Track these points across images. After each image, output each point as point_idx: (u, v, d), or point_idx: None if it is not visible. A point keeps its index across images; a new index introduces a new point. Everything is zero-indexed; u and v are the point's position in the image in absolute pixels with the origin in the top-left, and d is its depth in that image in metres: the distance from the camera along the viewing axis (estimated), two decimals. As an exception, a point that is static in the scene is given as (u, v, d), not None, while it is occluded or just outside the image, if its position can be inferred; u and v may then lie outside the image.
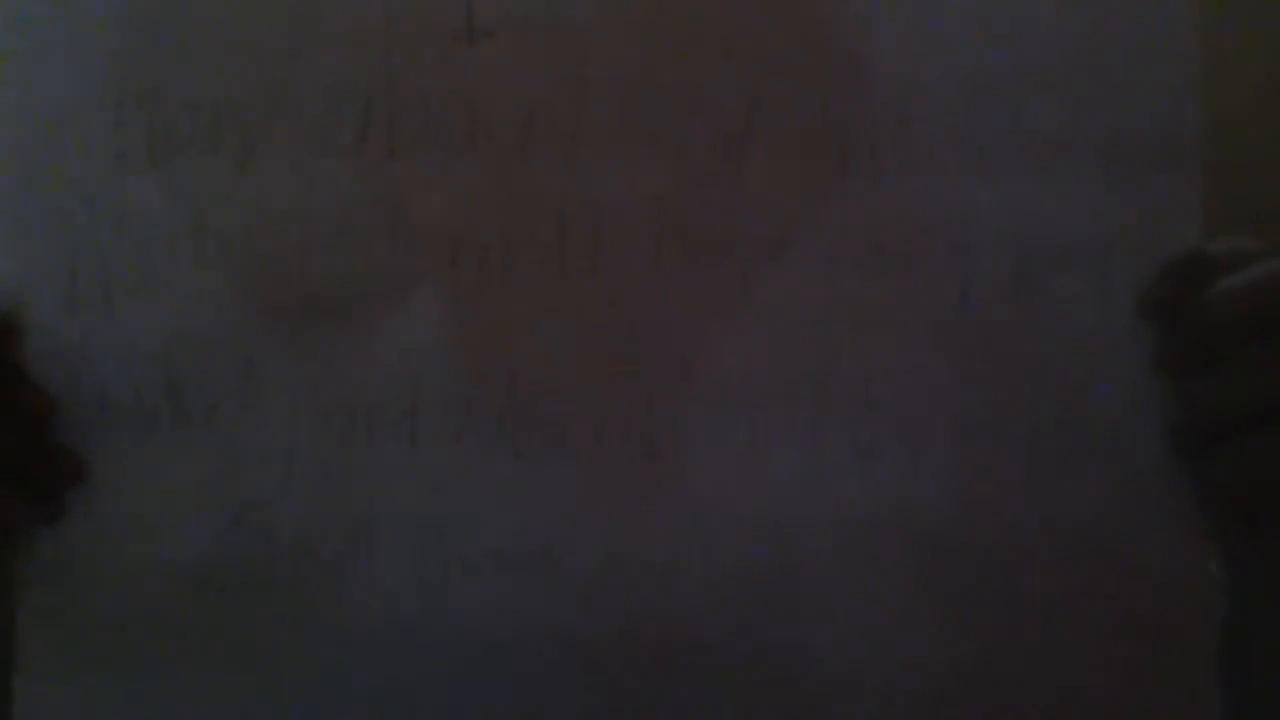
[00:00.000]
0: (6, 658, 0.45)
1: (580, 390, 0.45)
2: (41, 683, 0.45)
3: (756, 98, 0.45)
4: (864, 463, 0.45)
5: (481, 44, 0.45)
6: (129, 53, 0.44)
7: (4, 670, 0.45)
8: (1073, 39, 0.45)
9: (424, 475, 0.45)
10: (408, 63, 0.45)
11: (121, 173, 0.44)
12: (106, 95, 0.44)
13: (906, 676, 0.45)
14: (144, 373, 0.45)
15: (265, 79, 0.45)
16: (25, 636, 0.45)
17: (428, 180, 0.45)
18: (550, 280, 0.45)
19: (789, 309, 0.45)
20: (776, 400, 0.46)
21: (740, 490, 0.46)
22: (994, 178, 0.45)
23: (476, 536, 0.45)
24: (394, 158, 0.45)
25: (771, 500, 0.45)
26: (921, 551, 0.45)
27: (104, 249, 0.45)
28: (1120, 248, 0.45)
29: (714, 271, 0.45)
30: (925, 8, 0.45)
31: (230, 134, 0.45)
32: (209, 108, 0.45)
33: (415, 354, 0.45)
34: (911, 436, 0.45)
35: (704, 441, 0.46)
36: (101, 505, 0.45)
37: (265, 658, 0.45)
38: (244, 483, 0.45)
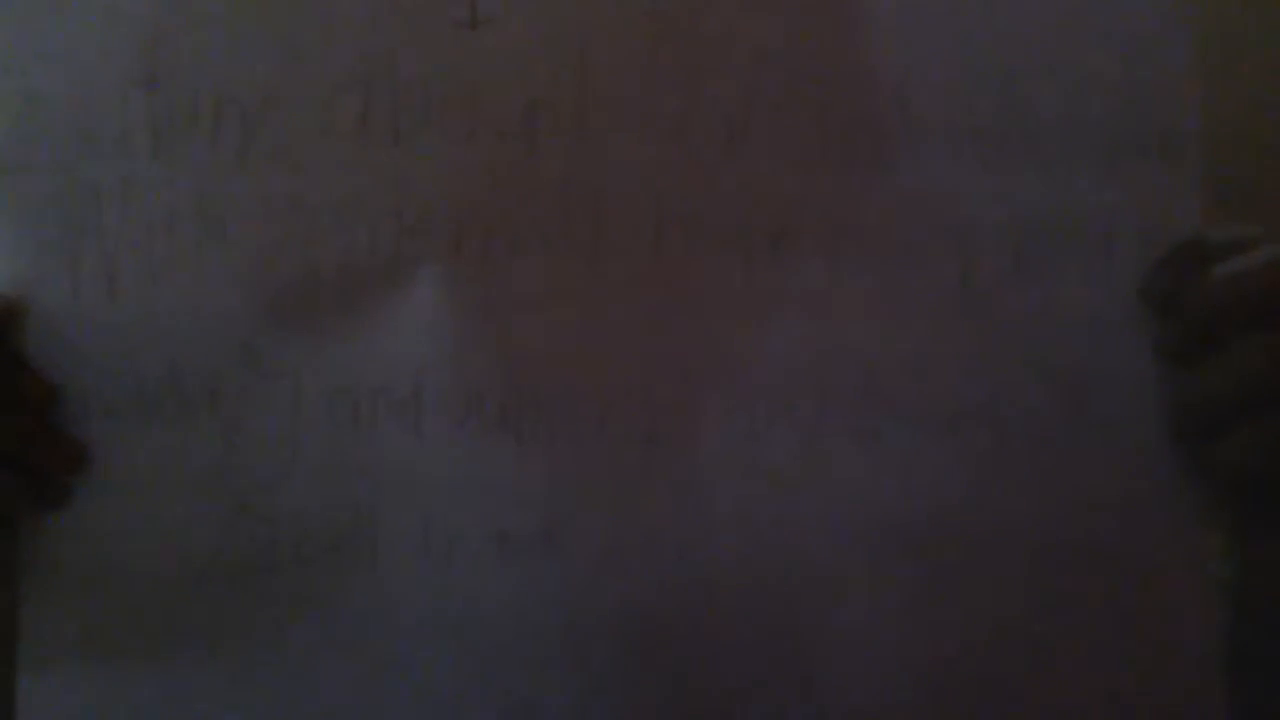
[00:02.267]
0: (10, 648, 0.45)
1: (583, 375, 0.45)
2: (45, 672, 0.45)
3: (759, 86, 0.45)
4: (865, 450, 0.46)
5: (483, 29, 0.45)
6: (131, 40, 0.44)
7: (7, 660, 0.45)
8: (1071, 28, 0.45)
9: (427, 460, 0.45)
10: (410, 48, 0.45)
11: (124, 159, 0.44)
12: (109, 82, 0.44)
13: (905, 663, 0.46)
14: (146, 359, 0.45)
15: (267, 65, 0.44)
16: (29, 626, 0.45)
17: (430, 166, 0.45)
18: (553, 266, 0.45)
19: (790, 296, 0.46)
20: (778, 387, 0.46)
21: (741, 476, 0.46)
22: (995, 166, 0.45)
23: (479, 521, 0.45)
24: (396, 143, 0.45)
25: (772, 486, 0.46)
26: (921, 538, 0.46)
27: (106, 235, 0.44)
28: (1120, 235, 0.45)
29: (716, 258, 0.45)
30: None
31: (232, 120, 0.45)
32: (211, 93, 0.44)
33: (419, 339, 0.45)
34: (912, 424, 0.46)
35: (705, 427, 0.46)
36: (104, 492, 0.45)
37: (270, 643, 0.45)
38: (247, 469, 0.45)
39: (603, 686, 0.46)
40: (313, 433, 0.45)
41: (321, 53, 0.45)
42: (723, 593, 0.46)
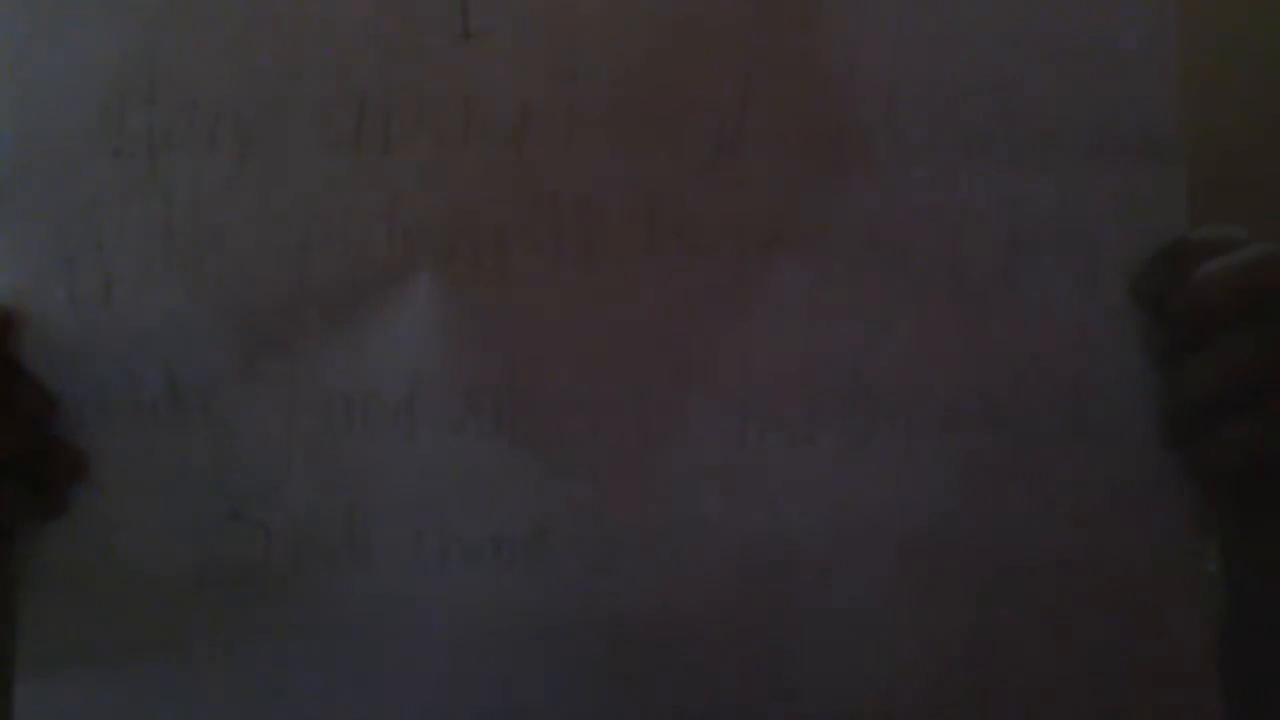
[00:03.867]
0: (8, 651, 0.45)
1: (576, 380, 0.46)
2: (42, 676, 0.45)
3: (749, 91, 0.45)
4: (857, 453, 0.46)
5: (476, 40, 0.45)
6: (128, 51, 0.45)
7: (5, 664, 0.45)
8: (1059, 32, 0.46)
9: (421, 465, 0.45)
10: (403, 58, 0.45)
11: (120, 169, 0.45)
12: (105, 93, 0.45)
13: (897, 666, 0.46)
14: (142, 367, 0.45)
15: (262, 76, 0.45)
16: (26, 630, 0.45)
17: (423, 175, 0.45)
18: (545, 272, 0.45)
19: (782, 300, 0.46)
20: (770, 390, 0.46)
21: (733, 479, 0.46)
22: (983, 169, 0.46)
23: (473, 525, 0.46)
24: (389, 153, 0.45)
25: (765, 489, 0.46)
26: (915, 541, 0.46)
27: (102, 245, 0.45)
28: (1108, 236, 0.45)
29: (707, 263, 0.46)
30: (916, 2, 0.46)
31: (227, 131, 0.45)
32: (206, 105, 0.45)
33: (412, 345, 0.45)
34: (904, 426, 0.46)
35: (698, 431, 0.46)
36: (100, 498, 0.45)
37: (264, 649, 0.45)
38: (242, 474, 0.45)
39: (595, 689, 0.46)
40: (307, 438, 0.45)
41: (317, 65, 0.45)
42: (714, 596, 0.46)
